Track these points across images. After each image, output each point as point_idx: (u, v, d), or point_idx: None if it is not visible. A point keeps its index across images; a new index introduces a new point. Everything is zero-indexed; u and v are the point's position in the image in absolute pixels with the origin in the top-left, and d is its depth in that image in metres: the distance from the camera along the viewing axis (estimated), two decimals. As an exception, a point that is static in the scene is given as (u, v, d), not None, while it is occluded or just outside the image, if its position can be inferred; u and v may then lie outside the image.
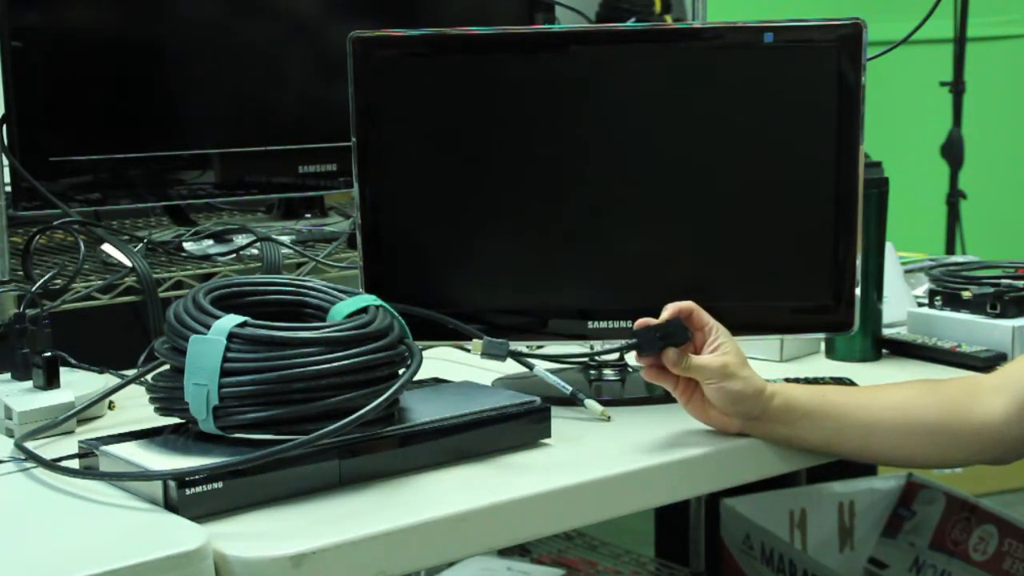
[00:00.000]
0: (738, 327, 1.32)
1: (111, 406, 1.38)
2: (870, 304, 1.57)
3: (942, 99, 3.48)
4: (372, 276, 1.43)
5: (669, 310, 1.28)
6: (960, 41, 3.43)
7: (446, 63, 1.42)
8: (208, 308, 1.14)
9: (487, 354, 1.34)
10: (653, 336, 1.27)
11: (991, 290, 1.61)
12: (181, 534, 1.01)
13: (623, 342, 1.32)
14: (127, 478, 1.10)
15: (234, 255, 1.71)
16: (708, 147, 1.43)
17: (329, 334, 1.13)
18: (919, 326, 1.66)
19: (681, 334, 1.27)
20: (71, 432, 1.30)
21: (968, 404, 1.30)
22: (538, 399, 1.28)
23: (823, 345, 1.66)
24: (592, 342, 1.48)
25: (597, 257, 1.43)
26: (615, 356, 1.49)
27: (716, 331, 1.28)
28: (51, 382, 1.34)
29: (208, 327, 1.12)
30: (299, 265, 1.73)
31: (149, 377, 1.20)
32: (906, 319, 1.68)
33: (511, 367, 1.46)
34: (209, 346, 1.11)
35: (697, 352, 1.28)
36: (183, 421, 1.16)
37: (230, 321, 1.12)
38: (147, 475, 1.08)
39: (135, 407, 1.32)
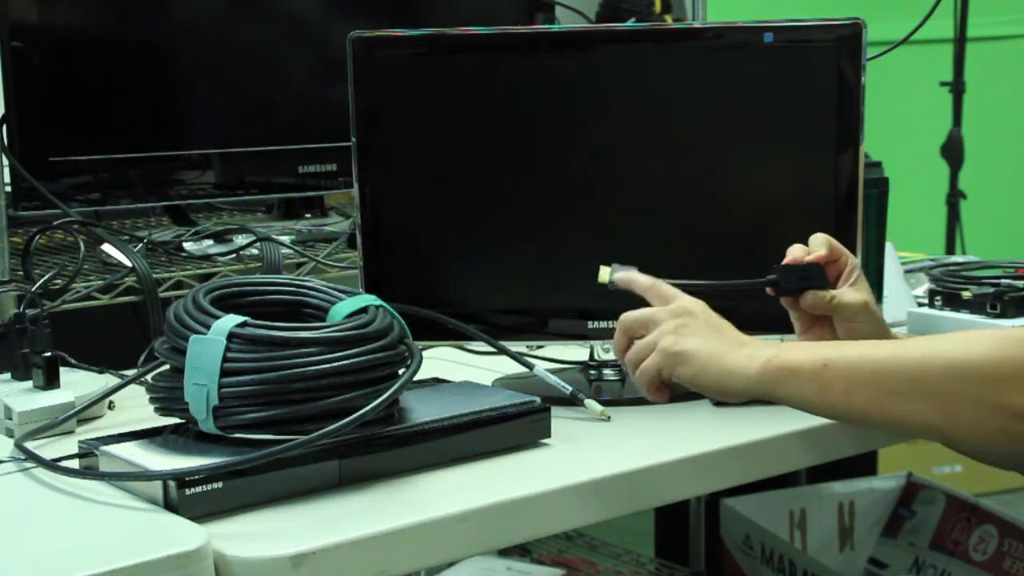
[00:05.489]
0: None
1: (111, 406, 1.38)
2: (870, 304, 1.57)
3: (942, 99, 3.48)
4: (372, 276, 1.43)
5: (817, 251, 1.28)
6: (960, 41, 3.43)
7: (446, 63, 1.42)
8: (208, 308, 1.14)
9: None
10: (794, 277, 1.29)
11: (991, 290, 1.60)
12: (181, 534, 1.01)
13: (759, 280, 1.30)
14: (127, 478, 1.10)
15: (234, 255, 1.71)
16: (708, 147, 1.43)
17: (329, 334, 1.13)
18: (919, 326, 1.65)
19: (821, 279, 1.28)
20: (71, 432, 1.30)
21: None
22: (538, 399, 1.28)
23: (823, 345, 1.66)
24: (592, 342, 1.48)
25: (597, 257, 1.43)
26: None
27: (850, 263, 1.29)
28: (51, 382, 1.34)
29: (208, 327, 1.12)
30: (299, 265, 1.73)
31: (149, 377, 1.20)
32: (906, 319, 1.68)
33: (511, 367, 1.46)
34: (209, 346, 1.10)
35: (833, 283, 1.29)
36: (183, 421, 1.16)
37: (230, 321, 1.12)
38: (147, 475, 1.08)
39: (135, 407, 1.32)
